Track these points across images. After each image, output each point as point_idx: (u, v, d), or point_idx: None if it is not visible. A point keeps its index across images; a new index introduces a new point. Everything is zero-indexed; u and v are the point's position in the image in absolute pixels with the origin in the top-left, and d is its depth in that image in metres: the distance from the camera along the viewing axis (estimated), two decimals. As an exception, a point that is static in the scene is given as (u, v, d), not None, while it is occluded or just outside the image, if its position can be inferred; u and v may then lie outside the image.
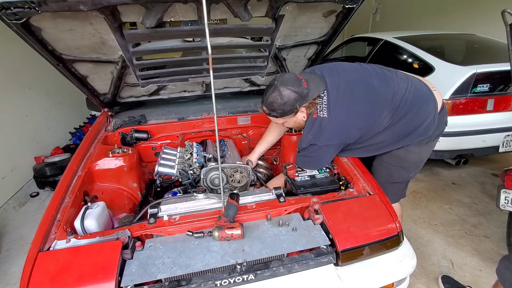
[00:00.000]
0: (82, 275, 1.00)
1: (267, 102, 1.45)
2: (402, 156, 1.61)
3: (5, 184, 2.96)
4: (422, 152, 1.63)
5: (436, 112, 1.53)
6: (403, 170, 1.66)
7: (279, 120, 1.55)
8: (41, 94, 3.66)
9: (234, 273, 1.07)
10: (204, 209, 1.32)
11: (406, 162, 1.63)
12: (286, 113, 1.45)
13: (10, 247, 2.52)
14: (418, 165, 1.69)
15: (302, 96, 1.40)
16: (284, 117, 1.49)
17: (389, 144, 1.57)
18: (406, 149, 1.59)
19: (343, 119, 1.45)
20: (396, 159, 1.63)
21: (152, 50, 1.65)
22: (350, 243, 1.15)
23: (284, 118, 1.51)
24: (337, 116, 1.44)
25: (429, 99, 1.52)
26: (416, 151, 1.60)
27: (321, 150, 1.50)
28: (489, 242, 2.37)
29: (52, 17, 1.21)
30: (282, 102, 1.40)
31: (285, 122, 1.57)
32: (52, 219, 1.23)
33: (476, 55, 3.28)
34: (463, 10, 4.95)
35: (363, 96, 1.45)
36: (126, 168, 1.71)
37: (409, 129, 1.52)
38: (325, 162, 1.59)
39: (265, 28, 1.59)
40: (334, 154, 1.57)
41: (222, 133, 2.24)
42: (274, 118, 1.52)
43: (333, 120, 1.43)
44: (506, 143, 2.80)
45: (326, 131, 1.45)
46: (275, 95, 1.41)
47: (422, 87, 1.54)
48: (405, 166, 1.65)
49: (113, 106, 2.08)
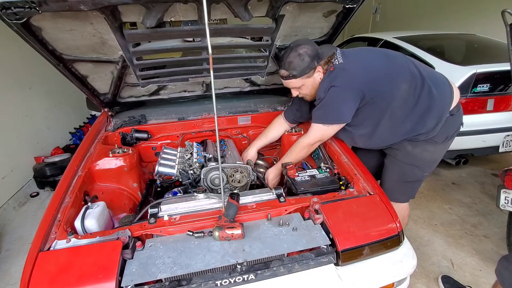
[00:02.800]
0: (83, 275, 1.00)
1: (286, 62, 1.50)
2: (418, 155, 1.62)
3: (5, 184, 2.95)
4: (437, 152, 1.65)
5: (448, 106, 1.57)
6: (417, 169, 1.66)
7: (297, 82, 1.56)
8: (41, 94, 3.66)
9: (234, 273, 1.07)
10: (205, 209, 1.32)
11: (421, 161, 1.64)
12: (304, 71, 1.49)
13: (10, 247, 2.52)
14: (432, 164, 1.70)
15: (318, 53, 1.48)
16: (303, 77, 1.52)
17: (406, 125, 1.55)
18: (423, 148, 1.60)
19: (359, 65, 1.50)
20: (411, 157, 1.63)
21: (152, 50, 1.65)
22: (350, 243, 1.15)
23: (302, 79, 1.53)
24: (354, 62, 1.50)
25: (449, 91, 1.58)
26: (432, 150, 1.62)
27: (340, 95, 1.47)
28: (489, 242, 2.37)
29: (53, 17, 1.21)
30: (301, 59, 1.47)
31: (302, 85, 1.57)
32: (52, 219, 1.23)
33: (476, 55, 3.28)
34: (463, 10, 4.95)
35: (380, 61, 1.53)
36: (126, 168, 1.71)
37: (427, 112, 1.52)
38: (345, 111, 1.51)
39: (265, 28, 1.59)
40: (354, 105, 1.49)
41: (222, 133, 2.24)
42: (293, 80, 1.55)
43: (350, 63, 1.48)
44: (506, 143, 2.80)
45: (343, 74, 1.47)
46: (293, 54, 1.48)
47: (446, 80, 1.62)
48: (420, 165, 1.65)
49: (113, 106, 2.08)
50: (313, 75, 1.53)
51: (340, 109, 1.51)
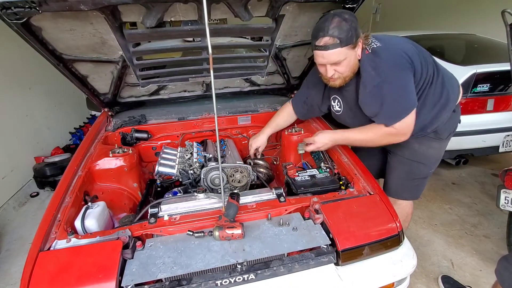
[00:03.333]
0: (83, 274, 1.00)
1: (330, 28, 1.27)
2: (424, 152, 1.63)
3: (5, 184, 2.95)
4: (441, 148, 1.67)
5: (457, 101, 1.59)
6: (424, 166, 1.67)
7: (340, 54, 1.31)
8: (41, 94, 3.66)
9: (234, 273, 1.06)
10: (205, 209, 1.32)
11: (427, 158, 1.65)
12: (351, 39, 1.29)
13: (10, 247, 2.52)
14: (437, 161, 1.71)
15: (358, 26, 1.31)
16: (348, 47, 1.30)
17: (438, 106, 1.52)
18: (428, 145, 1.62)
19: (398, 46, 1.39)
20: (418, 155, 1.64)
21: (152, 50, 1.65)
22: (350, 243, 1.15)
23: (347, 49, 1.31)
24: (391, 43, 1.40)
25: (458, 86, 1.61)
26: (437, 146, 1.64)
27: (400, 76, 1.33)
28: (489, 242, 2.37)
29: (53, 17, 1.21)
30: (348, 24, 1.27)
31: (345, 59, 1.34)
32: (53, 219, 1.23)
33: (476, 55, 3.28)
34: (463, 10, 4.95)
35: (410, 44, 1.45)
36: (126, 168, 1.71)
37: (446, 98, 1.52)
38: (411, 93, 1.36)
39: (265, 28, 1.59)
40: (412, 82, 1.36)
41: (222, 133, 2.24)
42: (337, 50, 1.30)
43: (388, 44, 1.38)
44: (506, 143, 2.80)
45: (389, 54, 1.35)
46: (338, 20, 1.27)
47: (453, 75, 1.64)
48: (426, 162, 1.66)
49: (113, 106, 2.08)
50: (355, 48, 1.33)
51: (407, 92, 1.35)
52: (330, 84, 1.47)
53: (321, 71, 1.45)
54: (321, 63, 1.39)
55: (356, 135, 1.52)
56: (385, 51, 1.35)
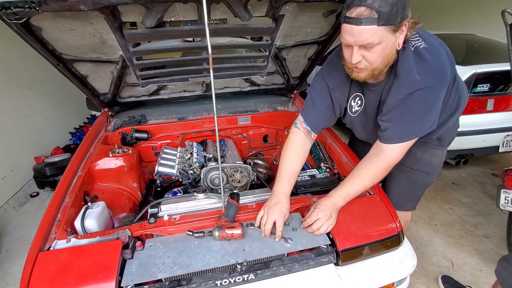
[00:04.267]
0: (83, 275, 1.00)
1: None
2: (427, 160, 1.52)
3: (5, 184, 2.96)
4: (443, 155, 1.58)
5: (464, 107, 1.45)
6: (427, 175, 1.57)
7: (376, 34, 0.99)
8: (41, 94, 3.66)
9: (234, 273, 1.06)
10: (204, 209, 1.32)
11: (430, 166, 1.54)
12: (395, 17, 0.97)
13: (10, 247, 2.52)
14: (439, 169, 1.61)
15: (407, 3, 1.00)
16: (387, 27, 0.98)
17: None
18: (431, 153, 1.51)
19: (439, 48, 1.16)
20: (421, 163, 1.52)
21: (152, 50, 1.65)
22: (350, 243, 1.15)
23: (385, 30, 0.99)
24: (434, 43, 1.15)
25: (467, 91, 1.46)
26: (440, 154, 1.54)
27: (432, 96, 1.12)
28: (489, 242, 2.37)
29: (52, 17, 1.20)
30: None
31: (380, 43, 1.02)
32: (52, 219, 1.23)
33: (476, 55, 3.28)
34: (463, 10, 4.95)
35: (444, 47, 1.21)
36: (126, 168, 1.71)
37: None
38: (436, 113, 1.16)
39: (265, 28, 1.59)
40: (442, 99, 1.16)
41: (222, 133, 2.24)
42: (373, 27, 0.97)
43: (432, 46, 1.12)
44: (506, 143, 2.80)
45: (433, 63, 1.10)
46: None
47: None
48: (429, 170, 1.56)
49: (113, 106, 2.08)
50: (397, 32, 1.02)
51: (432, 114, 1.15)
52: (353, 76, 1.15)
53: (345, 55, 1.11)
54: (348, 43, 1.06)
55: (353, 186, 1.25)
56: (431, 54, 1.10)
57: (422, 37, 1.13)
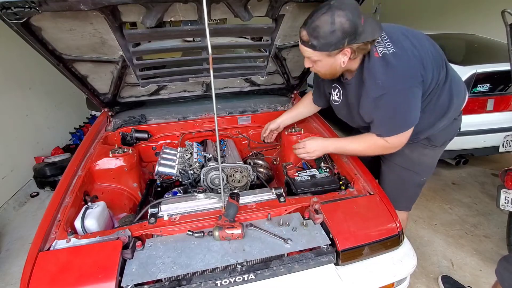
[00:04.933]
0: (83, 274, 1.00)
1: (312, 25, 1.14)
2: (416, 159, 1.53)
3: (5, 184, 2.96)
4: (435, 156, 1.57)
5: (460, 109, 1.48)
6: (415, 174, 1.58)
7: (314, 55, 1.22)
8: (41, 94, 3.66)
9: (234, 273, 1.06)
10: (204, 209, 1.32)
11: (419, 165, 1.55)
12: (328, 47, 1.16)
13: (10, 247, 2.52)
14: (430, 169, 1.61)
15: (355, 32, 1.13)
16: (323, 53, 1.19)
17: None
18: (421, 152, 1.52)
19: (415, 49, 1.22)
20: (409, 162, 1.54)
21: (152, 50, 1.65)
22: (350, 243, 1.15)
23: (321, 54, 1.20)
24: (407, 47, 1.21)
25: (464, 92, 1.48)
26: (430, 154, 1.54)
27: (407, 95, 1.21)
28: (489, 242, 2.37)
29: (53, 17, 1.21)
30: (331, 29, 1.11)
31: (318, 61, 1.25)
32: (52, 219, 1.23)
33: (476, 55, 3.28)
34: (463, 10, 4.95)
35: (427, 45, 1.30)
36: (126, 168, 1.71)
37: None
38: (414, 111, 1.25)
39: (265, 28, 1.59)
40: (419, 98, 1.25)
41: (222, 133, 2.24)
42: (310, 50, 1.20)
43: (403, 50, 1.20)
44: (506, 143, 2.80)
45: (400, 67, 1.19)
46: (325, 18, 1.11)
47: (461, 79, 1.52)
48: (418, 170, 1.57)
49: (113, 106, 2.08)
50: (335, 56, 1.20)
51: (409, 111, 1.25)
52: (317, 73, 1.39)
53: None
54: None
55: (348, 144, 1.48)
56: (398, 60, 1.19)
57: (394, 42, 1.22)
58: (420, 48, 1.24)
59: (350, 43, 1.15)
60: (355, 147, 1.46)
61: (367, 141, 1.40)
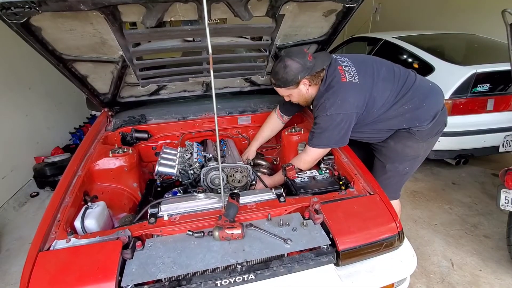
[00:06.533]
0: (82, 274, 1.00)
1: (273, 72, 1.58)
2: (400, 151, 1.68)
3: (5, 184, 2.95)
4: (419, 148, 1.68)
5: (443, 106, 1.67)
6: (398, 163, 1.72)
7: (283, 92, 1.63)
8: (41, 94, 3.66)
9: (234, 273, 1.06)
10: (204, 209, 1.32)
11: (403, 156, 1.70)
12: (288, 83, 1.54)
13: (10, 247, 2.52)
14: (414, 161, 1.74)
15: (306, 67, 1.49)
16: (288, 88, 1.58)
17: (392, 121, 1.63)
18: (404, 144, 1.66)
19: (370, 84, 1.53)
20: (393, 152, 1.70)
21: (152, 50, 1.65)
22: (350, 243, 1.15)
23: (288, 89, 1.59)
24: (366, 82, 1.53)
25: (439, 91, 1.69)
26: (414, 146, 1.66)
27: (339, 121, 1.50)
28: (489, 242, 2.37)
29: (53, 17, 1.20)
30: (285, 71, 1.51)
31: (290, 94, 1.64)
32: (52, 219, 1.22)
33: (476, 55, 3.29)
34: (463, 10, 4.95)
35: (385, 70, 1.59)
36: (126, 168, 1.71)
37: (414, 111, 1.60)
38: (347, 134, 1.56)
39: (265, 28, 1.59)
40: (352, 126, 1.56)
41: (222, 133, 2.24)
42: (279, 88, 1.62)
43: (363, 85, 1.51)
44: (506, 143, 2.81)
45: (344, 97, 1.49)
46: (280, 65, 1.53)
47: (430, 82, 1.72)
48: (401, 160, 1.71)
49: (113, 106, 2.08)
50: (298, 87, 1.56)
51: (341, 134, 1.54)
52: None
53: None
54: None
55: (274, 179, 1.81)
56: (337, 90, 1.49)
57: (346, 73, 1.53)
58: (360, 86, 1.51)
59: (304, 76, 1.51)
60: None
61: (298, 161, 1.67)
